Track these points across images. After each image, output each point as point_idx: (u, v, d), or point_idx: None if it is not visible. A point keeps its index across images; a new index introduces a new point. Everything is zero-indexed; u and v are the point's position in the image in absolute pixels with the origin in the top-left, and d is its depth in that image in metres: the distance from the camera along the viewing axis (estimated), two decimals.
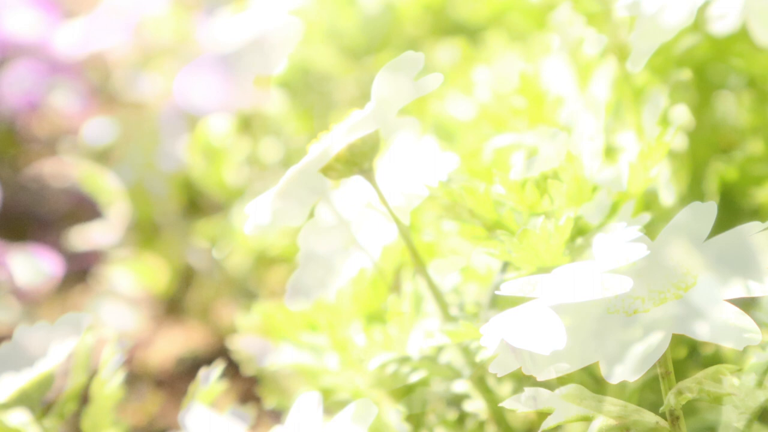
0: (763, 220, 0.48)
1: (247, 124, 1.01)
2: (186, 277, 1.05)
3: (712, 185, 0.69)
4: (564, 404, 0.47)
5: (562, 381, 0.49)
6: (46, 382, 0.60)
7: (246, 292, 1.01)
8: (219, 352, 0.95)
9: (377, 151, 0.55)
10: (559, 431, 0.62)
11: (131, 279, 1.05)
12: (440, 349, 0.60)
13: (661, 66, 0.66)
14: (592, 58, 0.68)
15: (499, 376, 0.46)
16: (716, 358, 0.65)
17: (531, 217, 0.56)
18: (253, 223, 0.57)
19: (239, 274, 1.02)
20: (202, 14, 1.10)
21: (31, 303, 1.05)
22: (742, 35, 0.68)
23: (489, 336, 0.47)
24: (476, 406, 0.62)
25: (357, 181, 0.57)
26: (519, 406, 0.48)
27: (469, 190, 0.55)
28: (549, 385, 0.48)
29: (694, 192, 0.69)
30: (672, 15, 0.59)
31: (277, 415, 0.82)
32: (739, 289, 0.44)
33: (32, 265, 1.04)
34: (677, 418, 0.47)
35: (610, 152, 0.66)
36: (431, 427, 0.62)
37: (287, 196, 0.56)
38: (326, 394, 0.63)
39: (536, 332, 0.45)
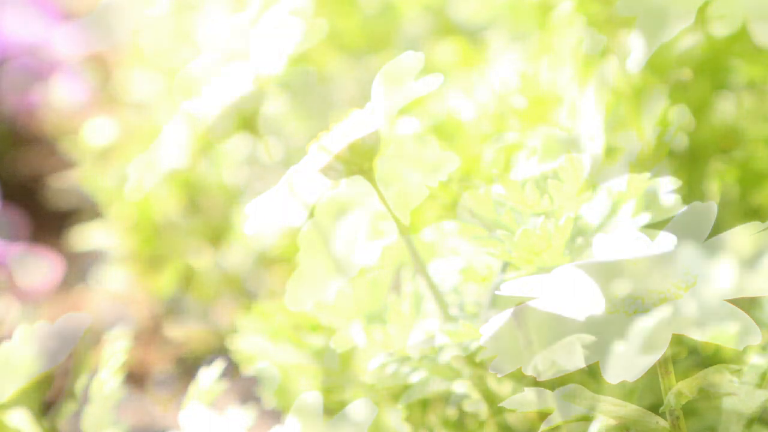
0: (763, 220, 0.48)
1: (247, 124, 1.01)
2: (186, 277, 1.04)
3: (712, 185, 0.69)
4: (564, 404, 0.47)
5: (562, 381, 0.49)
6: (46, 382, 0.60)
7: (246, 292, 1.01)
8: (219, 352, 0.95)
9: (377, 151, 0.55)
10: (559, 431, 0.62)
11: (131, 279, 1.05)
12: (440, 349, 0.60)
13: (661, 66, 0.66)
14: (592, 58, 0.68)
15: (499, 376, 0.46)
16: (716, 358, 0.65)
17: (531, 217, 0.56)
18: (253, 223, 0.57)
19: (239, 274, 1.02)
20: (202, 14, 1.10)
21: (31, 303, 1.05)
22: (742, 35, 0.68)
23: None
24: (476, 406, 0.62)
25: (357, 181, 0.57)
26: (519, 406, 0.48)
27: (469, 190, 0.55)
28: (549, 385, 0.48)
29: (694, 192, 0.69)
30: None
31: (277, 415, 0.82)
32: (739, 289, 0.44)
33: (32, 265, 1.04)
34: (677, 418, 0.47)
35: (610, 152, 0.66)
36: (431, 427, 0.62)
37: (287, 196, 0.56)
38: (326, 394, 0.63)
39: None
